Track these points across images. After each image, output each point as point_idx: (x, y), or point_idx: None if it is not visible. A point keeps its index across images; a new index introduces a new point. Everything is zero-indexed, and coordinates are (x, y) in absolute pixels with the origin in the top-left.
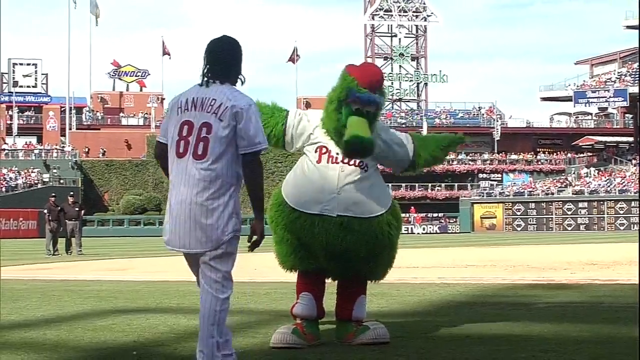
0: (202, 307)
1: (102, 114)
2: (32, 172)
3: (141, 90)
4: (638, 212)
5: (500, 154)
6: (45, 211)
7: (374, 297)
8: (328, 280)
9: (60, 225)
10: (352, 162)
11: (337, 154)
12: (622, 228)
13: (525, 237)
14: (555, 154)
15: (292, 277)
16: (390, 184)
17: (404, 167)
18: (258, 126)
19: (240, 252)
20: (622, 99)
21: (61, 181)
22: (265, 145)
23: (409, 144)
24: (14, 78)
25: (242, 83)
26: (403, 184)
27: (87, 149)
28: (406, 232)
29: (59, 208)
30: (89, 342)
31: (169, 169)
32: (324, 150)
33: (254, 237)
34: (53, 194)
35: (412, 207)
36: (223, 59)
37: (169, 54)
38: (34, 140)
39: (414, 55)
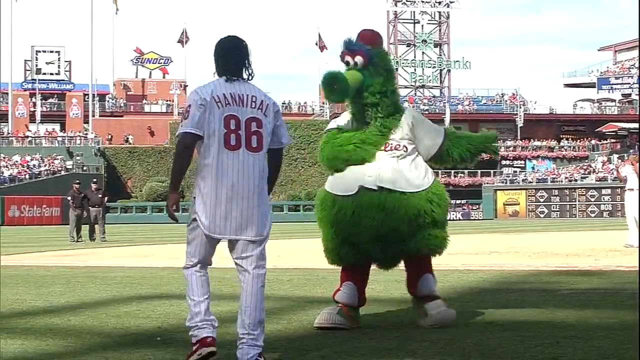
0: (250, 293)
1: (124, 101)
2: (55, 159)
3: (164, 77)
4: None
5: (524, 141)
6: (69, 198)
7: (397, 283)
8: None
9: (84, 212)
10: (388, 147)
11: None
12: None
13: (548, 224)
14: (578, 140)
15: (315, 263)
16: None
17: (429, 156)
18: (284, 124)
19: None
20: None
21: (84, 168)
22: (290, 140)
23: (438, 134)
24: (37, 65)
25: (251, 78)
26: None
27: (110, 136)
28: None
29: (83, 195)
30: (113, 328)
31: (209, 159)
32: None
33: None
34: (77, 181)
35: None
36: (243, 58)
37: (183, 42)
38: (57, 127)
39: (437, 41)
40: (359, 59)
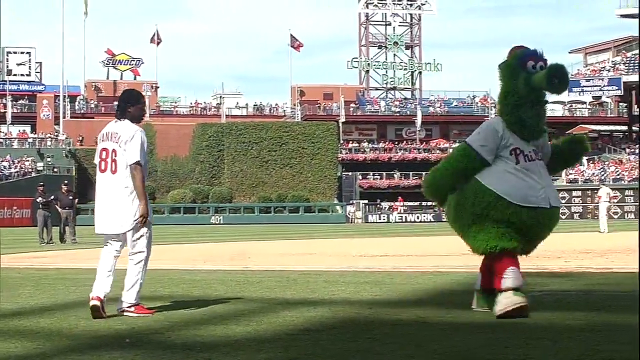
0: (109, 264)
1: (96, 103)
2: (26, 160)
3: (135, 78)
4: (638, 201)
5: None
6: (40, 199)
7: (367, 285)
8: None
9: (52, 213)
10: (539, 156)
11: (530, 152)
12: (616, 217)
13: None
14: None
15: (286, 265)
16: (385, 173)
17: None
18: (136, 147)
19: (233, 241)
20: (616, 88)
21: (55, 170)
22: (137, 159)
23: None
24: (7, 67)
25: (139, 121)
26: (397, 173)
27: (81, 138)
28: (400, 220)
29: (52, 197)
30: (83, 330)
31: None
32: (518, 151)
33: (142, 217)
34: (41, 183)
35: (400, 197)
36: (123, 105)
37: (157, 42)
38: (27, 128)
39: (408, 43)
40: (540, 64)
